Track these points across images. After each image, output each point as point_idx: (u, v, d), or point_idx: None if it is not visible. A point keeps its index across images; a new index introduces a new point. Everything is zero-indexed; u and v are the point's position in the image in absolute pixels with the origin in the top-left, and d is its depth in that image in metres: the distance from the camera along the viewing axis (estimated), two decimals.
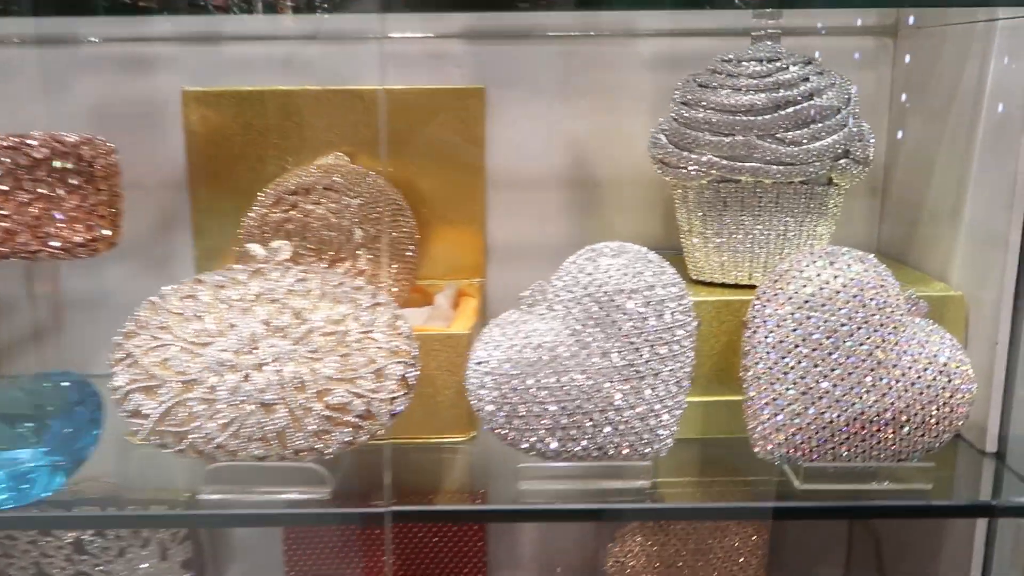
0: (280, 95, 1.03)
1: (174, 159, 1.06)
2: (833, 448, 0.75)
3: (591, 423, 0.75)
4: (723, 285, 0.93)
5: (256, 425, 0.75)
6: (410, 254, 0.99)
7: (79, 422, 0.81)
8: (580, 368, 0.75)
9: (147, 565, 1.00)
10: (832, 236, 0.92)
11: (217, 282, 0.79)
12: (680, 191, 0.92)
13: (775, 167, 0.86)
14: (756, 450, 0.77)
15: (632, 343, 0.74)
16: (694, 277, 0.95)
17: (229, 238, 1.06)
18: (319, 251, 0.96)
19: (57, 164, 0.87)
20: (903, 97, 1.03)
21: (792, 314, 0.74)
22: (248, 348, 0.76)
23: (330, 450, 0.77)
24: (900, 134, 1.04)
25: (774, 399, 0.75)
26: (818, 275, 0.75)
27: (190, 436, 0.76)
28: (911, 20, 1.01)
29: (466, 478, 0.85)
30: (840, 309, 0.74)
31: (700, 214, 0.91)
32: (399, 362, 0.77)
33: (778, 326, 0.75)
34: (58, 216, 0.87)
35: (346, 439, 0.76)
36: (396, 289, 0.97)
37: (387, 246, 0.96)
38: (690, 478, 0.82)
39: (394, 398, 0.77)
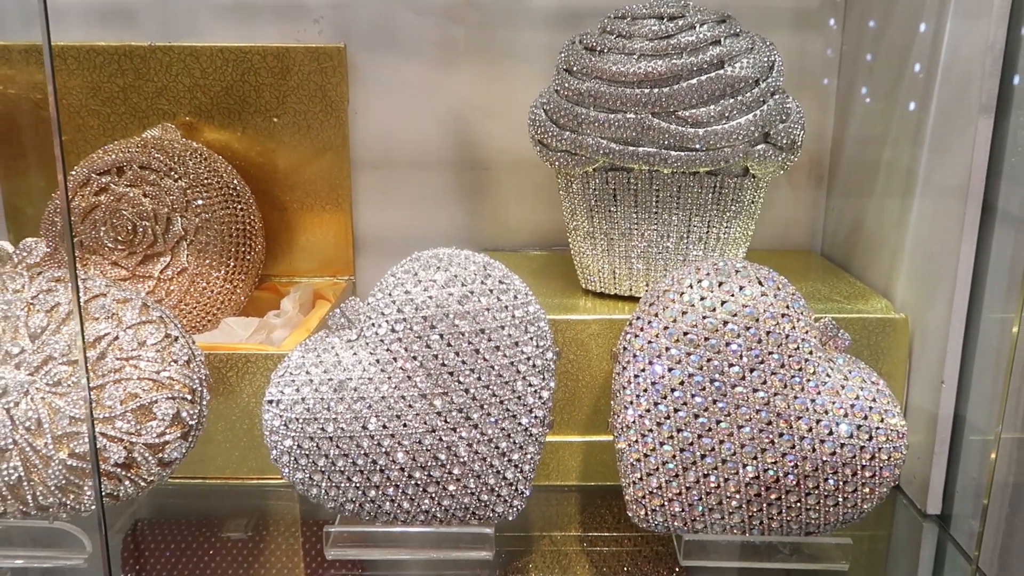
0: (100, 52, 0.85)
1: None
2: (722, 518, 0.59)
3: (411, 480, 0.59)
4: (616, 297, 0.76)
5: None
6: (246, 247, 0.82)
7: None
8: (393, 413, 0.58)
9: None
10: (760, 236, 0.74)
11: None
12: (563, 180, 0.75)
13: (675, 153, 0.68)
14: (629, 514, 0.61)
15: (461, 383, 0.58)
16: (584, 286, 0.78)
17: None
18: (130, 244, 0.79)
19: None
20: (853, 65, 0.85)
21: (668, 349, 0.57)
22: None
23: (86, 507, 0.60)
24: (849, 111, 0.86)
25: (646, 455, 0.58)
26: (702, 299, 0.57)
27: None
28: None
29: (281, 531, 0.69)
30: (729, 344, 0.56)
31: (586, 209, 0.74)
32: (171, 397, 0.60)
33: (651, 363, 0.58)
34: None
35: (104, 493, 0.60)
36: (231, 289, 0.80)
37: (219, 238, 0.79)
38: (551, 542, 0.66)
39: (165, 443, 0.60)
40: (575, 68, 0.71)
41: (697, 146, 0.68)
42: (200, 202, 0.79)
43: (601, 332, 0.71)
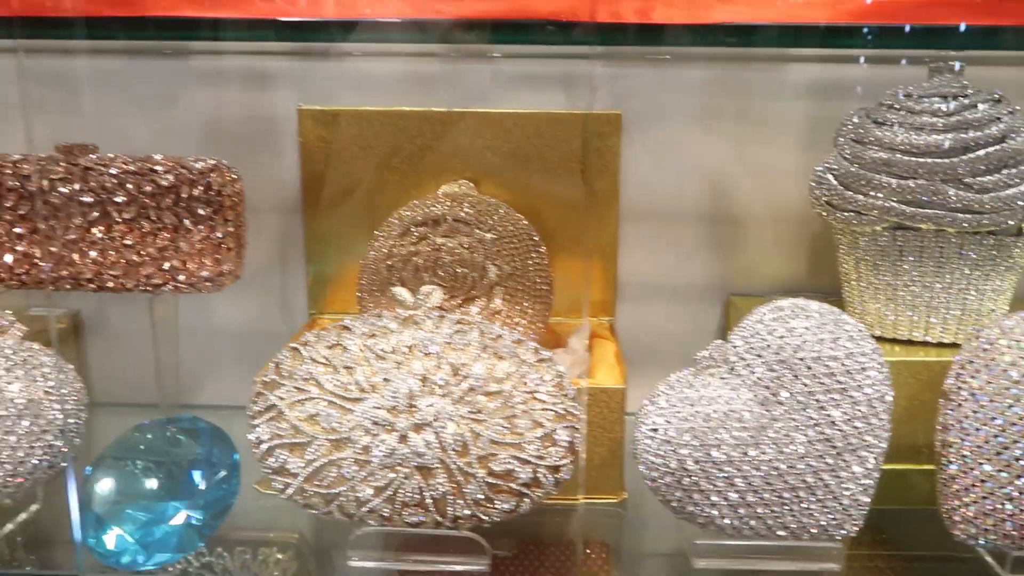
0: (403, 116, 0.96)
1: (288, 181, 1.00)
2: None
3: (779, 500, 0.69)
4: (893, 340, 0.86)
5: (414, 491, 0.69)
6: (544, 292, 0.93)
7: (215, 474, 0.75)
8: (770, 441, 0.68)
9: None
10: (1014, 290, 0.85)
11: (366, 331, 0.72)
12: (848, 237, 0.85)
13: (962, 215, 0.78)
14: (956, 532, 0.70)
15: (829, 415, 0.68)
16: None
17: (343, 266, 1.01)
18: (451, 288, 0.90)
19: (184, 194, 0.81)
20: None
21: (1008, 388, 0.67)
22: (404, 406, 0.69)
23: (490, 519, 0.70)
24: None
25: (982, 480, 0.68)
26: None
27: (340, 499, 0.70)
28: None
29: (618, 549, 0.78)
30: None
31: (871, 262, 0.84)
32: (567, 426, 0.70)
33: (991, 401, 0.68)
34: (184, 248, 0.82)
35: (507, 507, 0.70)
36: (531, 330, 0.91)
37: (523, 284, 0.90)
38: (872, 557, 0.76)
39: (561, 465, 0.70)
40: (865, 139, 0.82)
41: (982, 210, 0.78)
42: (508, 252, 0.89)
43: (896, 373, 0.80)
